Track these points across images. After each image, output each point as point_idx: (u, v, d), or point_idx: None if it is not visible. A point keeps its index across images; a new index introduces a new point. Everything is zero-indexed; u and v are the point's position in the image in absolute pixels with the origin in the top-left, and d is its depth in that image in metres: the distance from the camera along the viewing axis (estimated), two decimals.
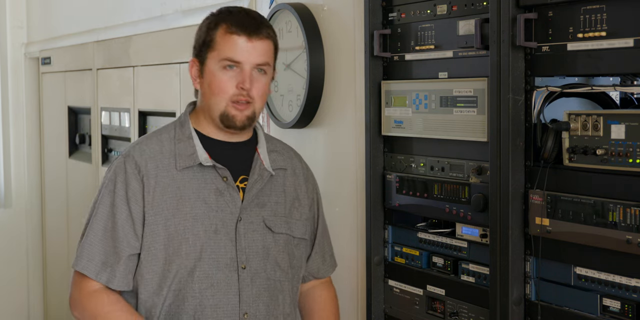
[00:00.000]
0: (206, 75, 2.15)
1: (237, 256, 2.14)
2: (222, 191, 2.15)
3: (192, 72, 2.19)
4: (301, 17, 2.92)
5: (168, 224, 2.12)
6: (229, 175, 2.17)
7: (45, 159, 5.81)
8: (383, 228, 2.60)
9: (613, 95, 2.16)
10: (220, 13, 2.19)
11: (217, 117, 2.15)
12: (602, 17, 1.86)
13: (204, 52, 2.16)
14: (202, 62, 2.16)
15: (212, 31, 2.15)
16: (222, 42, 2.13)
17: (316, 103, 2.93)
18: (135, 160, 2.15)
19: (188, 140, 2.17)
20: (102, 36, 4.78)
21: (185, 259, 2.11)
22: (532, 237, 2.06)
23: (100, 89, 4.84)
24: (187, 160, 2.15)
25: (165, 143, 2.18)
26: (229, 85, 2.13)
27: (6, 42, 5.95)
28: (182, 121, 2.21)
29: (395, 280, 2.57)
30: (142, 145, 2.19)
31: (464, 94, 2.25)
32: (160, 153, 2.16)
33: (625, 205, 1.82)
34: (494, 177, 2.10)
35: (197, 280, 2.11)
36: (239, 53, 2.12)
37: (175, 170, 2.14)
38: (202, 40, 2.17)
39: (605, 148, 1.87)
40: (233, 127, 2.16)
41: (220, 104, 2.14)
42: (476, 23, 2.14)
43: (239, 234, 2.15)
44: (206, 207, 2.14)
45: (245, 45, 2.13)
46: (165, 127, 2.24)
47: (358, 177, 2.72)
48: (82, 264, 2.14)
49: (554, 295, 2.03)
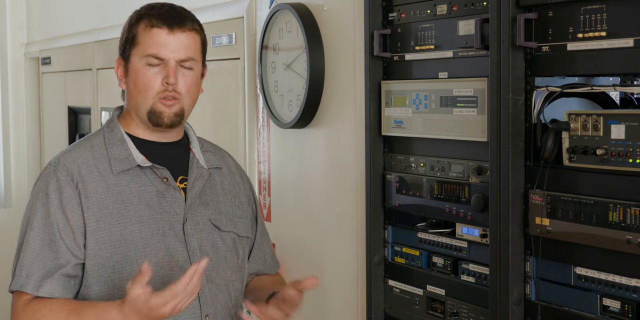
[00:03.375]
0: (131, 73, 2.08)
1: (189, 258, 2.08)
2: (164, 192, 2.08)
3: (117, 72, 2.12)
4: (301, 17, 2.92)
5: (113, 230, 2.02)
6: (169, 176, 2.09)
7: (45, 159, 5.81)
8: (383, 228, 2.60)
9: (613, 95, 2.16)
10: (142, 8, 2.11)
11: (145, 115, 2.07)
12: (602, 17, 1.86)
13: (127, 49, 2.09)
14: (126, 60, 2.09)
15: (134, 27, 2.08)
16: (143, 37, 2.06)
17: (316, 103, 2.93)
18: (67, 167, 2.04)
19: (121, 144, 2.09)
20: (102, 36, 4.78)
21: (136, 264, 2.00)
22: (532, 237, 2.06)
23: (100, 89, 4.84)
24: (123, 163, 2.07)
25: (97, 148, 2.09)
26: (155, 81, 2.05)
27: (6, 42, 5.95)
28: (112, 125, 2.13)
29: (395, 280, 2.57)
30: (72, 152, 2.09)
31: (464, 94, 2.25)
32: (93, 158, 2.07)
33: (625, 205, 1.82)
34: (494, 177, 2.10)
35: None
36: (161, 48, 2.04)
37: (112, 175, 2.05)
38: (124, 38, 2.10)
39: (605, 148, 1.87)
40: (161, 125, 2.07)
41: (147, 102, 2.06)
42: (476, 23, 2.14)
43: (187, 235, 2.08)
44: (150, 210, 2.06)
45: (166, 38, 2.05)
46: (93, 134, 2.15)
47: (358, 177, 2.72)
48: (21, 282, 2.00)
49: (554, 295, 2.03)
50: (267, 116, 3.22)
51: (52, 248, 2.01)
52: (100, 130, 2.15)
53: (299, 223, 3.10)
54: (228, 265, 2.16)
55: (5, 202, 5.95)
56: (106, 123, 2.16)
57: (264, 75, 3.20)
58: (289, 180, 3.15)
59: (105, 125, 2.16)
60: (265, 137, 3.27)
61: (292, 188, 3.13)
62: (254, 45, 3.27)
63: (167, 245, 2.06)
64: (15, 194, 5.95)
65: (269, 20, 3.12)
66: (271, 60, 3.17)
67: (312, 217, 3.01)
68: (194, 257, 2.08)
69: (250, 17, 3.31)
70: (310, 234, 3.04)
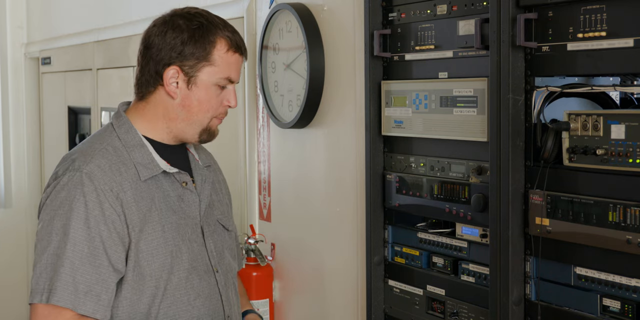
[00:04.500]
0: (195, 89, 2.04)
1: (210, 261, 2.10)
2: (182, 197, 2.08)
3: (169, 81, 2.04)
4: (301, 17, 2.92)
5: (150, 238, 2.00)
6: (188, 180, 2.09)
7: (45, 159, 5.81)
8: (383, 228, 2.60)
9: (613, 95, 2.16)
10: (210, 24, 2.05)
11: (198, 132, 2.07)
12: (602, 17, 1.86)
13: (194, 64, 2.03)
14: (189, 74, 2.04)
15: (209, 45, 2.03)
16: (223, 59, 2.05)
17: (316, 103, 2.93)
18: (103, 176, 1.96)
19: (141, 148, 2.04)
20: (102, 36, 4.78)
21: (170, 272, 2.01)
22: (532, 237, 2.06)
23: (100, 89, 4.84)
24: (148, 169, 2.03)
25: (119, 152, 2.02)
26: (217, 102, 2.07)
27: (6, 42, 5.95)
28: (125, 126, 2.07)
29: (395, 280, 2.57)
30: (98, 157, 1.99)
31: (464, 94, 2.25)
32: (122, 164, 2.00)
33: (625, 205, 1.82)
34: (494, 177, 2.10)
35: (185, 293, 2.03)
36: (235, 73, 2.08)
37: (140, 182, 2.01)
38: (190, 53, 2.02)
39: (605, 148, 1.87)
40: (208, 141, 2.11)
41: (205, 120, 2.07)
42: (476, 23, 2.14)
43: (206, 238, 2.10)
44: (175, 216, 2.05)
45: (240, 64, 2.09)
46: (105, 134, 2.07)
47: (358, 177, 2.72)
48: (58, 296, 1.90)
49: (554, 295, 2.03)
50: (267, 116, 3.22)
51: (93, 263, 1.93)
52: (111, 130, 2.07)
53: (299, 223, 3.10)
54: (232, 264, 2.21)
55: (5, 202, 5.95)
56: (116, 122, 2.09)
57: (264, 75, 3.20)
58: (289, 180, 3.15)
59: (114, 124, 2.08)
60: (265, 137, 3.27)
61: (292, 188, 3.13)
62: (254, 45, 3.27)
63: (192, 249, 2.07)
64: (15, 194, 5.95)
65: (269, 20, 3.12)
66: (271, 60, 3.17)
67: (312, 217, 3.01)
68: (213, 260, 2.10)
69: (250, 17, 3.31)
70: (310, 234, 3.04)
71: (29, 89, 5.93)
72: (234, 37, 2.07)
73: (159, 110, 2.08)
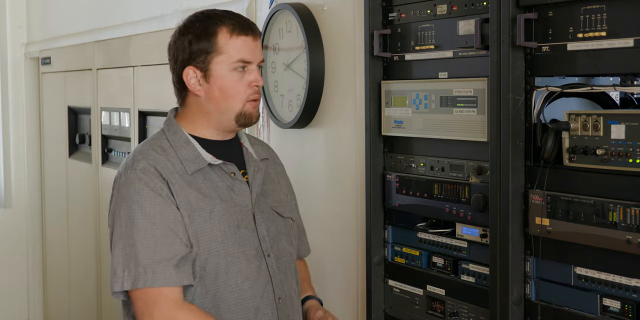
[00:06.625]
0: (214, 80, 2.17)
1: (261, 246, 2.20)
2: (232, 187, 2.21)
3: (189, 81, 2.18)
4: (301, 17, 2.92)
5: (195, 224, 2.14)
6: (236, 171, 2.22)
7: (45, 159, 5.81)
8: (383, 228, 2.60)
9: (613, 95, 2.16)
10: (209, 18, 2.19)
11: (234, 118, 2.18)
12: (602, 17, 1.86)
13: (203, 59, 2.16)
14: (203, 69, 2.17)
15: (212, 36, 2.16)
16: (229, 45, 2.16)
17: (316, 103, 2.93)
18: (152, 170, 2.14)
19: (187, 145, 2.20)
20: (102, 36, 4.78)
21: (217, 256, 2.14)
22: (532, 237, 2.06)
23: (100, 89, 4.84)
24: (194, 163, 2.18)
25: (167, 151, 2.19)
26: (241, 86, 2.17)
27: (6, 42, 5.95)
28: (173, 129, 2.23)
29: (395, 280, 2.57)
30: (147, 157, 2.17)
31: (464, 94, 2.25)
32: (168, 161, 2.17)
33: (625, 205, 1.82)
34: (494, 177, 2.10)
35: (232, 276, 2.15)
36: (249, 53, 2.17)
37: (187, 175, 2.16)
38: (197, 49, 2.16)
39: (605, 148, 1.87)
40: (249, 124, 2.21)
41: (236, 106, 2.18)
42: (476, 23, 2.14)
43: (257, 225, 2.21)
44: (224, 204, 2.18)
45: (252, 44, 2.18)
46: (156, 138, 2.24)
47: (358, 177, 2.72)
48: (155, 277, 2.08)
49: (554, 295, 2.03)
50: (267, 116, 3.22)
51: (167, 242, 2.10)
52: (162, 133, 2.24)
53: None
54: (287, 249, 2.29)
55: (5, 202, 5.95)
56: (166, 126, 2.25)
57: (264, 75, 3.20)
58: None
59: (165, 128, 2.24)
60: (265, 137, 3.27)
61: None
62: None
63: (241, 236, 2.18)
64: (15, 194, 5.95)
65: (269, 20, 3.12)
66: (271, 60, 3.17)
67: (312, 217, 3.01)
68: (264, 244, 2.21)
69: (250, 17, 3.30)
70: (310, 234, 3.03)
71: (29, 89, 5.93)
72: (237, 21, 2.18)
73: (195, 110, 2.22)
